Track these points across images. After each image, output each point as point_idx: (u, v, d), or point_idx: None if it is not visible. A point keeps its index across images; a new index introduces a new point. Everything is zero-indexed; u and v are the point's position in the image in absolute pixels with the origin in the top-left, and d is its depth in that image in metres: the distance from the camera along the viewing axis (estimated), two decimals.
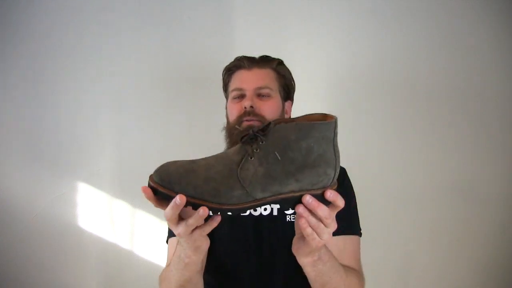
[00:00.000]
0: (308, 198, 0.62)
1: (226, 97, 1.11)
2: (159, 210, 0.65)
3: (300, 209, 0.63)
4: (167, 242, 1.06)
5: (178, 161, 0.64)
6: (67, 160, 1.54)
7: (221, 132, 1.09)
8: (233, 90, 1.04)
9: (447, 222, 1.53)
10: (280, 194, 0.61)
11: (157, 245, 1.52)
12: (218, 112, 1.17)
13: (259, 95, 1.01)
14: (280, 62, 1.08)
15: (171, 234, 1.04)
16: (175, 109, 1.57)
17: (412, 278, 1.53)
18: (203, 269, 0.84)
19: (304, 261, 0.73)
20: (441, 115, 1.55)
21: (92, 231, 1.54)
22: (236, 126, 0.99)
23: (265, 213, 0.97)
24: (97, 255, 1.54)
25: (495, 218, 1.53)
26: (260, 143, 0.61)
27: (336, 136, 0.62)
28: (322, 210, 0.63)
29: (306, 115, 0.64)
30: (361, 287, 0.88)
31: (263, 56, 1.08)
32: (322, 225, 0.64)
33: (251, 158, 0.61)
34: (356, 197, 1.05)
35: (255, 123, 0.98)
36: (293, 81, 1.11)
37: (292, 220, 0.95)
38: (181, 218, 0.65)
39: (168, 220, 0.64)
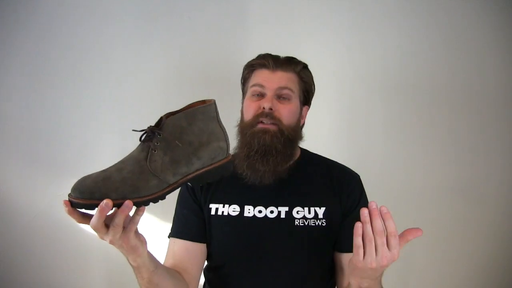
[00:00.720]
0: (374, 205, 0.68)
1: (244, 93, 1.07)
2: (159, 210, 0.65)
3: (364, 212, 0.69)
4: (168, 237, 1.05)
5: (90, 174, 0.72)
6: (67, 160, 1.54)
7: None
8: (253, 85, 1.01)
9: (447, 222, 1.53)
10: (188, 174, 0.70)
11: (157, 245, 1.51)
12: (219, 113, 1.16)
13: (279, 97, 0.98)
14: (304, 66, 1.05)
15: (170, 233, 1.04)
16: (175, 109, 1.56)
17: (412, 278, 1.53)
18: (162, 268, 0.83)
19: (352, 281, 0.75)
20: (442, 116, 1.55)
21: (92, 231, 1.53)
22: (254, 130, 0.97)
23: (271, 215, 0.96)
24: (97, 255, 1.54)
25: (495, 218, 1.53)
26: (158, 136, 0.70)
27: (218, 115, 0.73)
28: (388, 223, 0.69)
29: (189, 104, 0.77)
30: None
31: (289, 57, 1.04)
32: (381, 240, 0.69)
33: (155, 151, 0.70)
34: None
35: (271, 127, 0.96)
36: (314, 86, 1.08)
37: (300, 224, 0.94)
38: (107, 226, 0.67)
39: (96, 229, 0.67)
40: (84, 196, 0.68)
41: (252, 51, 1.11)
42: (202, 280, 1.07)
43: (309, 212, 0.96)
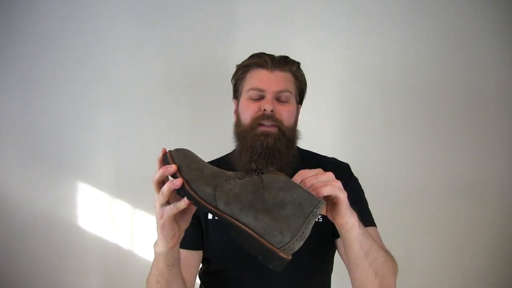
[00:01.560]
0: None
1: (236, 93, 1.04)
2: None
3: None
4: None
5: (195, 155, 0.73)
6: (67, 160, 1.54)
7: (221, 132, 1.07)
8: (251, 89, 0.97)
9: (448, 222, 1.53)
10: (237, 219, 0.65)
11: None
12: (218, 113, 1.16)
13: (278, 99, 0.96)
14: (298, 65, 1.04)
15: None
16: (175, 110, 1.57)
17: (412, 278, 1.53)
18: (177, 268, 0.82)
19: (338, 223, 0.74)
20: (442, 115, 1.55)
21: (92, 231, 1.54)
22: (255, 132, 0.95)
23: None
24: (97, 255, 1.53)
25: (495, 218, 1.53)
26: (255, 176, 0.67)
27: (313, 216, 0.65)
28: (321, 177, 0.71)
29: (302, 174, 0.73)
30: (395, 267, 0.87)
31: (284, 56, 1.02)
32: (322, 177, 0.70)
33: (239, 179, 0.68)
34: None
35: (272, 129, 0.94)
36: (306, 84, 1.07)
37: None
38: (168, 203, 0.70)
39: (155, 183, 0.70)
40: (174, 154, 0.70)
41: (252, 51, 1.11)
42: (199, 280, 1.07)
43: None
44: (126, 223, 1.54)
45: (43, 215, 1.52)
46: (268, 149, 0.93)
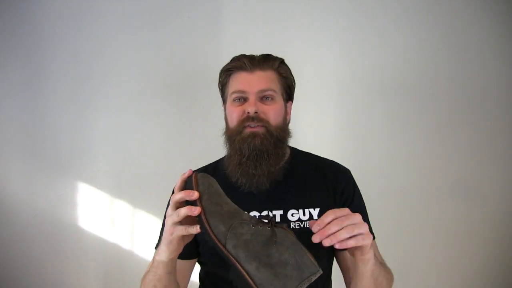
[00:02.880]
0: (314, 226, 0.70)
1: (224, 99, 1.04)
2: (159, 210, 0.66)
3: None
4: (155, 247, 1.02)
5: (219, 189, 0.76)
6: (67, 160, 1.54)
7: (221, 133, 1.07)
8: (233, 93, 0.97)
9: (448, 222, 1.53)
10: (240, 264, 0.69)
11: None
12: (217, 113, 1.16)
13: (262, 98, 0.95)
14: (281, 61, 1.02)
15: (158, 244, 0.99)
16: (175, 110, 1.57)
17: (412, 278, 1.53)
18: (174, 276, 0.85)
19: (358, 259, 0.77)
20: (443, 116, 1.55)
21: (92, 231, 1.54)
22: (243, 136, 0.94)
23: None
24: (97, 255, 1.54)
25: (495, 218, 1.53)
26: (267, 227, 0.71)
27: (307, 281, 0.69)
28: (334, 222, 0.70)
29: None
30: (392, 281, 0.93)
31: (264, 55, 1.00)
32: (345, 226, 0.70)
33: (253, 226, 0.71)
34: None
35: (259, 129, 0.93)
36: (294, 80, 1.05)
37: (296, 227, 0.93)
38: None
39: (174, 200, 0.73)
40: (199, 180, 0.73)
41: (252, 51, 1.11)
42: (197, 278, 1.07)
43: (304, 214, 0.95)
44: (126, 223, 1.54)
45: (43, 215, 1.52)
46: (256, 150, 0.92)
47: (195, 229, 0.71)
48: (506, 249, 1.53)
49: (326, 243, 0.68)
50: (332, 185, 0.99)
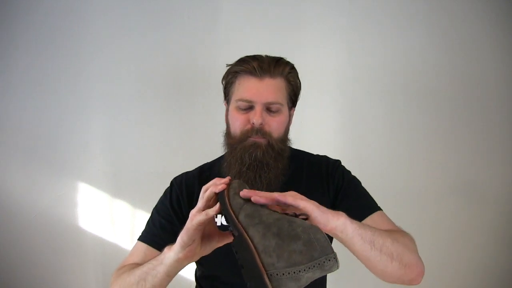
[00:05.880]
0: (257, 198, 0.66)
1: (227, 98, 1.00)
2: None
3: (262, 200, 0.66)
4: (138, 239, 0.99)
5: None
6: (67, 160, 1.54)
7: (221, 133, 1.06)
8: (239, 100, 0.93)
9: (448, 222, 1.53)
10: (246, 231, 0.62)
11: None
12: (217, 113, 1.16)
13: (268, 109, 0.93)
14: (292, 67, 0.98)
15: (143, 237, 0.98)
16: (175, 110, 1.57)
17: None
18: (170, 281, 0.81)
19: (328, 232, 0.71)
20: (442, 116, 1.55)
21: (92, 231, 1.54)
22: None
23: None
24: (97, 255, 1.54)
25: (495, 219, 1.53)
26: (286, 215, 0.64)
27: (318, 266, 0.58)
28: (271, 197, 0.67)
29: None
30: (412, 241, 0.89)
31: (276, 59, 0.96)
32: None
33: (273, 210, 0.66)
34: None
35: (262, 141, 0.91)
36: (300, 85, 1.02)
37: None
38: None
39: (202, 198, 0.71)
40: (233, 185, 0.70)
41: (252, 51, 1.10)
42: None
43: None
44: (126, 223, 1.54)
45: (43, 215, 1.52)
46: (257, 161, 0.90)
47: (214, 209, 0.68)
48: (506, 249, 1.53)
49: (257, 197, 0.66)
50: (326, 181, 0.99)
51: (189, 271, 1.05)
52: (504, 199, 1.53)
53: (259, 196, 0.66)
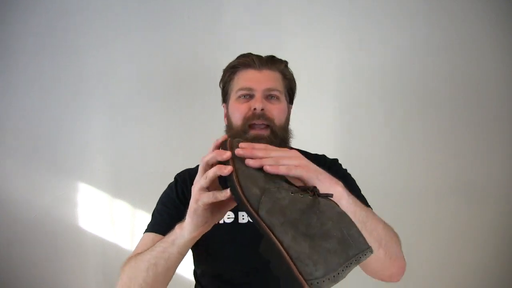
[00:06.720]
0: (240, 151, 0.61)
1: (225, 96, 1.02)
2: None
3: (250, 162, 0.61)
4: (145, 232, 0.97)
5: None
6: (67, 160, 1.54)
7: (221, 133, 1.06)
8: (239, 90, 0.95)
9: (448, 222, 1.53)
10: (273, 232, 0.56)
11: None
12: (217, 113, 1.16)
13: (268, 97, 0.95)
14: (286, 65, 1.02)
15: (150, 228, 0.97)
16: (175, 110, 1.57)
17: (412, 278, 1.53)
18: (179, 262, 0.76)
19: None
20: (442, 115, 1.55)
21: (92, 231, 1.54)
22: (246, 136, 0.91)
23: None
24: (97, 255, 1.54)
25: (495, 219, 1.53)
26: (309, 196, 0.59)
27: (355, 262, 0.55)
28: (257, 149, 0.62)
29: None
30: (398, 237, 0.83)
31: (271, 56, 1.00)
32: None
33: (292, 193, 0.59)
34: None
35: (264, 132, 0.92)
36: (295, 84, 1.05)
37: None
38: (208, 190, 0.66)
39: (204, 164, 0.65)
40: (224, 146, 0.64)
41: (251, 51, 1.11)
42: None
43: None
44: (126, 223, 1.54)
45: (43, 215, 1.52)
46: None
47: (224, 194, 0.62)
48: (506, 249, 1.53)
49: (250, 162, 0.60)
50: None
51: (189, 271, 1.05)
52: (504, 199, 1.53)
53: (269, 166, 0.60)
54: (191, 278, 1.06)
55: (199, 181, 0.65)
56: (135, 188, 1.54)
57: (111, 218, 1.54)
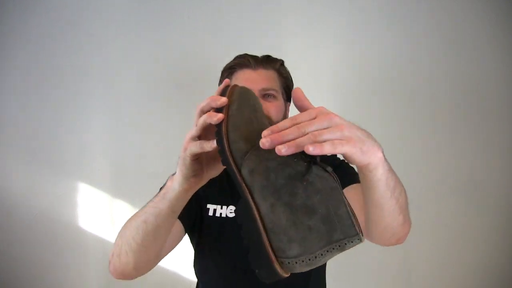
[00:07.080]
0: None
1: None
2: None
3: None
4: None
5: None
6: (67, 160, 1.54)
7: None
8: None
9: (448, 222, 1.53)
10: (251, 195, 0.49)
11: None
12: None
13: (264, 96, 0.97)
14: (282, 63, 1.05)
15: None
16: (175, 109, 1.57)
17: (412, 278, 1.53)
18: (173, 222, 0.74)
19: (359, 166, 0.60)
20: (441, 115, 1.55)
21: (92, 231, 1.54)
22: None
23: None
24: (97, 255, 1.54)
25: (495, 219, 1.53)
26: (302, 161, 0.51)
27: (338, 247, 0.47)
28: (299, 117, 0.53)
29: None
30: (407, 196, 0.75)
31: (267, 56, 1.03)
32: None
33: (295, 159, 0.50)
34: None
35: None
36: (292, 82, 1.07)
37: None
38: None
39: (199, 111, 0.61)
40: (225, 92, 0.59)
41: (251, 50, 1.11)
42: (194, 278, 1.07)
43: None
44: None
45: (43, 215, 1.52)
46: None
47: (211, 145, 0.57)
48: (507, 249, 1.53)
49: (283, 150, 0.47)
50: None
51: (189, 271, 1.05)
52: (504, 199, 1.53)
53: (312, 147, 0.47)
54: (191, 278, 1.06)
55: (190, 130, 0.62)
56: (135, 188, 1.54)
57: (111, 218, 1.54)
